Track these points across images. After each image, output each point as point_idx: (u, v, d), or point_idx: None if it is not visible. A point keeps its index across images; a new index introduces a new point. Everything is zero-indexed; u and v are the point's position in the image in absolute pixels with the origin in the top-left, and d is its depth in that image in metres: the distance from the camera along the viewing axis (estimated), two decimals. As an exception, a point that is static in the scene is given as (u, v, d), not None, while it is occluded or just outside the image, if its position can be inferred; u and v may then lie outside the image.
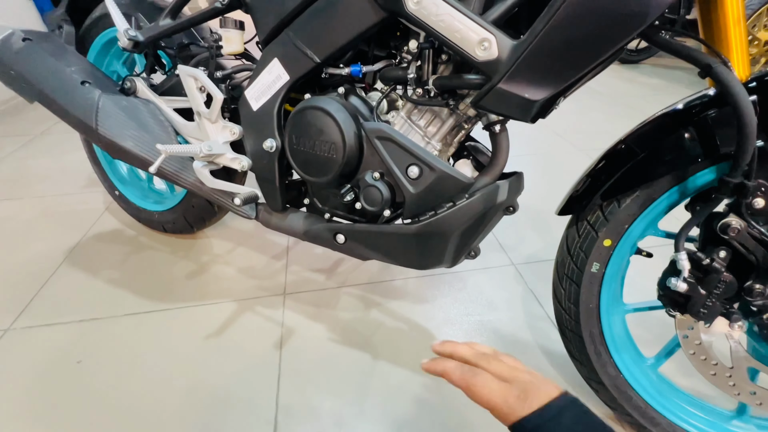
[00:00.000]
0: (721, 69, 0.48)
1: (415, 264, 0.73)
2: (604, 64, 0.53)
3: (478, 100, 0.56)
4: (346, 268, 1.18)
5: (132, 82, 0.96)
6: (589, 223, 0.66)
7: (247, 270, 1.18)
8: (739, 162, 0.50)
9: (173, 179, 0.89)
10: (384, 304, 1.07)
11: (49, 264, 1.20)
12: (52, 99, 0.89)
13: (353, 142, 0.67)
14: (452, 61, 0.62)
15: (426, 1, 0.54)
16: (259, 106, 0.76)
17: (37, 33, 0.96)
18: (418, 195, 0.66)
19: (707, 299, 0.57)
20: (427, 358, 0.45)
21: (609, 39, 0.47)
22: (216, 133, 0.84)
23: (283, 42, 0.70)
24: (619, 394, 0.72)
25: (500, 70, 0.52)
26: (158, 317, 1.03)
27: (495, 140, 0.64)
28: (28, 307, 1.06)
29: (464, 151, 0.73)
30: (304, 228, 0.81)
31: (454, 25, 0.53)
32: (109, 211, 1.43)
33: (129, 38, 0.87)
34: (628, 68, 3.16)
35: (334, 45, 0.65)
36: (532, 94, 0.52)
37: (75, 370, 0.90)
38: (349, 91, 0.71)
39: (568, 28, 0.48)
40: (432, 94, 0.63)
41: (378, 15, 0.60)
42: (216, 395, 0.84)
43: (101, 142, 0.90)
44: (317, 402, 0.83)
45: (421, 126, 0.68)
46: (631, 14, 0.45)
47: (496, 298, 1.08)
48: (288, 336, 0.97)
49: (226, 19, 0.77)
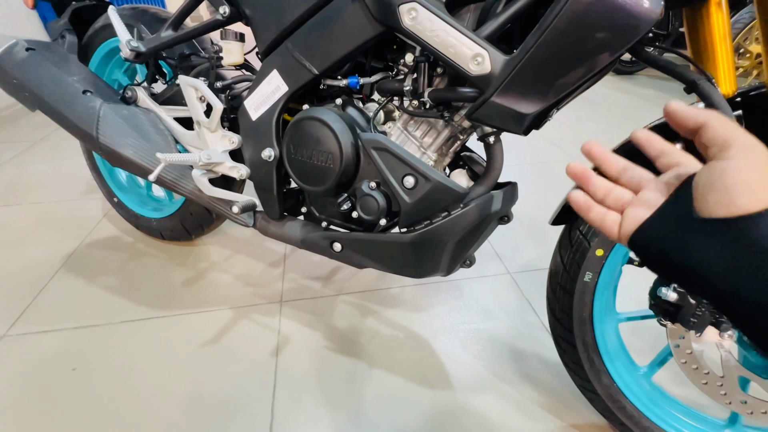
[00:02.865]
0: (705, 85, 0.50)
1: (411, 272, 0.74)
2: (594, 79, 0.54)
3: (472, 112, 0.57)
4: (342, 276, 1.19)
5: (133, 91, 0.98)
6: (581, 233, 0.67)
7: (244, 277, 1.18)
8: (726, 175, 0.51)
9: (172, 187, 0.90)
10: (380, 312, 1.07)
11: (47, 270, 1.20)
12: (53, 108, 0.90)
13: (350, 152, 0.68)
14: (447, 75, 0.64)
15: (421, 17, 0.55)
16: (258, 116, 0.77)
17: (41, 43, 0.97)
18: (414, 204, 0.67)
19: (697, 308, 0.58)
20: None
21: (598, 55, 0.49)
22: (215, 142, 0.85)
23: (283, 54, 0.71)
24: (613, 403, 0.73)
25: (493, 84, 0.54)
26: (155, 324, 1.03)
27: (489, 151, 0.65)
28: (25, 313, 1.06)
29: (459, 162, 0.74)
30: (302, 236, 0.82)
31: (449, 41, 0.55)
32: (108, 218, 1.44)
33: (131, 49, 0.88)
34: (623, 79, 3.20)
35: (333, 57, 0.67)
36: (524, 107, 0.54)
37: (71, 377, 0.90)
38: (346, 102, 0.73)
39: (558, 43, 0.49)
40: (427, 105, 0.64)
41: (375, 29, 0.61)
42: (212, 402, 0.84)
43: (102, 150, 0.91)
44: (313, 410, 0.83)
45: (417, 137, 0.69)
46: (620, 31, 0.47)
47: (492, 307, 1.08)
48: (284, 344, 0.97)
49: (226, 31, 0.79)
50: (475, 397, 0.86)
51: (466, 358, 0.94)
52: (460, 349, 0.96)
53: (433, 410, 0.84)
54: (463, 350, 0.96)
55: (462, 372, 0.91)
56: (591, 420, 0.82)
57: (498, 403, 0.85)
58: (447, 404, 0.84)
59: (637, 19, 0.46)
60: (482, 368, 0.92)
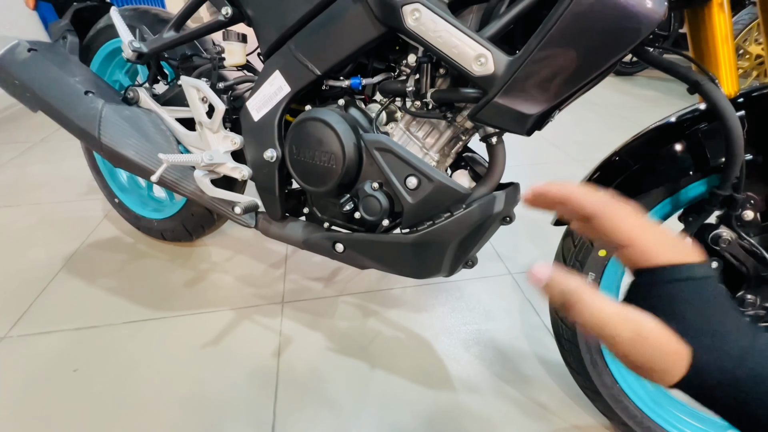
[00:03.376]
0: (708, 86, 0.50)
1: (413, 273, 0.74)
2: (596, 80, 0.54)
3: (475, 113, 0.57)
4: (344, 277, 1.19)
5: (135, 92, 0.98)
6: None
7: (246, 278, 1.18)
8: (728, 175, 0.51)
9: (174, 188, 0.90)
10: (382, 313, 1.07)
11: (48, 271, 1.20)
12: (55, 108, 0.90)
13: (353, 153, 0.68)
14: (450, 75, 0.64)
15: (424, 17, 0.55)
16: (261, 117, 0.77)
17: (43, 44, 0.97)
18: (416, 205, 0.67)
19: (700, 309, 0.58)
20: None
21: (602, 55, 0.49)
22: (217, 142, 0.85)
23: (285, 55, 0.71)
24: (616, 404, 0.73)
25: (496, 85, 0.54)
26: (156, 325, 1.03)
27: (492, 151, 0.65)
28: (26, 314, 1.06)
29: (462, 162, 0.74)
30: (304, 237, 0.82)
31: (452, 41, 0.55)
32: (108, 219, 1.44)
33: (133, 50, 0.88)
34: (624, 80, 3.20)
35: (335, 58, 0.67)
36: (527, 108, 0.54)
37: (72, 378, 0.89)
38: (348, 103, 0.73)
39: (562, 44, 0.49)
40: (430, 106, 0.64)
41: (378, 30, 0.61)
42: (213, 404, 0.84)
43: (103, 151, 0.91)
44: (315, 411, 0.83)
45: (420, 137, 0.69)
46: (623, 32, 0.47)
47: (494, 307, 1.08)
48: (286, 344, 0.97)
49: (229, 32, 0.79)
50: (477, 397, 0.86)
51: (468, 358, 0.94)
52: (462, 349, 0.96)
53: (435, 411, 0.84)
54: (464, 351, 0.96)
55: (463, 372, 0.91)
56: (593, 420, 0.82)
57: (499, 404, 0.85)
58: (448, 405, 0.84)
59: (641, 20, 0.46)
60: (484, 369, 0.92)
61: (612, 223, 0.28)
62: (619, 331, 0.25)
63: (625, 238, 0.27)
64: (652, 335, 0.25)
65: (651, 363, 0.25)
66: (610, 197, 0.29)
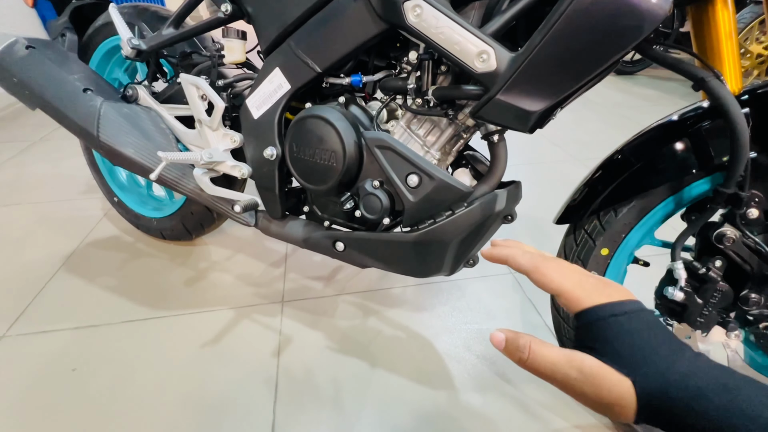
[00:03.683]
0: (714, 83, 0.49)
1: (414, 272, 0.73)
2: (600, 77, 0.54)
3: (477, 110, 0.57)
4: (344, 275, 1.19)
5: (134, 89, 0.97)
6: (586, 232, 0.66)
7: (245, 277, 1.17)
8: (733, 173, 0.50)
9: (173, 186, 0.90)
10: (382, 312, 1.06)
11: (47, 270, 1.19)
12: (54, 106, 0.90)
13: (353, 151, 0.67)
14: (451, 72, 0.63)
15: (426, 14, 0.55)
16: (260, 115, 0.77)
17: (41, 41, 0.96)
18: (417, 203, 0.66)
19: (704, 308, 0.58)
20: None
21: (605, 52, 0.48)
22: (217, 140, 0.84)
23: (285, 52, 0.71)
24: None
25: (498, 82, 0.53)
26: (155, 324, 1.02)
27: (493, 150, 0.65)
28: (24, 313, 1.05)
29: (463, 160, 0.74)
30: (304, 235, 0.82)
31: (454, 38, 0.54)
32: (108, 218, 1.43)
33: (132, 47, 0.88)
34: (624, 79, 3.20)
35: (335, 55, 0.66)
36: (529, 105, 0.53)
37: (71, 377, 0.89)
38: (349, 101, 0.72)
39: (564, 41, 0.49)
40: (431, 104, 0.64)
41: (379, 27, 0.61)
42: (213, 403, 0.84)
43: (102, 149, 0.90)
44: (315, 410, 0.83)
45: (421, 135, 0.69)
46: (627, 28, 0.46)
47: (495, 307, 1.08)
48: (286, 344, 0.97)
49: (228, 29, 0.78)
50: (478, 397, 0.86)
51: (469, 358, 0.94)
52: (463, 349, 0.96)
53: (436, 411, 0.83)
54: (465, 350, 0.96)
55: (464, 372, 0.91)
56: (594, 420, 0.81)
57: (501, 404, 0.85)
58: (449, 405, 0.84)
59: (645, 16, 0.45)
60: (485, 368, 0.92)
61: (543, 278, 0.33)
62: (566, 371, 0.28)
63: (555, 289, 0.32)
64: (593, 372, 0.27)
65: (602, 398, 0.27)
66: (539, 255, 0.35)
